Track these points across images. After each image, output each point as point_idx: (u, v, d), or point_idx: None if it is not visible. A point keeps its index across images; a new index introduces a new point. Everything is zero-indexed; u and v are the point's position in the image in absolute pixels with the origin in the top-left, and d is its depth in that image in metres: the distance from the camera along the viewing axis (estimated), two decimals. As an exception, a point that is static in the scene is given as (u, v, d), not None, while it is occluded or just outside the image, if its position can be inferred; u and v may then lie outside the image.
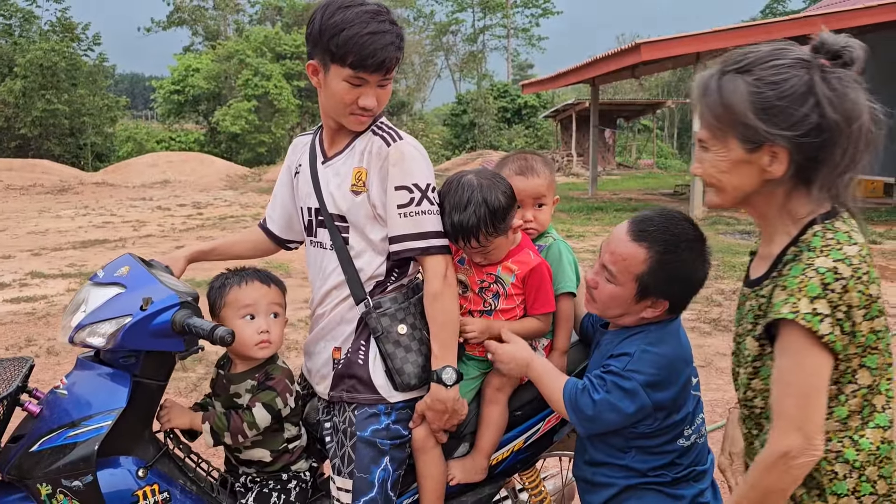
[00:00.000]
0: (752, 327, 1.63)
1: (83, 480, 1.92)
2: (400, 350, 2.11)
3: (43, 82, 28.62)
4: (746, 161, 1.53)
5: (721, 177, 1.58)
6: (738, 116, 1.50)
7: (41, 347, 6.17)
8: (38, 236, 13.19)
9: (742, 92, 1.49)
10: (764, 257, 1.65)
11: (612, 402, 1.92)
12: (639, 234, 1.94)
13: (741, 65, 1.52)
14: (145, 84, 66.35)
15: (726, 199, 1.62)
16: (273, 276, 2.31)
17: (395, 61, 2.05)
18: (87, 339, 2.00)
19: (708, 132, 1.58)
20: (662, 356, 1.94)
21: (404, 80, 45.09)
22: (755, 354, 1.62)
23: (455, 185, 2.15)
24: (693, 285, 1.97)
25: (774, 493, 1.53)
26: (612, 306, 2.01)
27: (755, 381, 1.63)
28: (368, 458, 2.10)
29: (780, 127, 1.47)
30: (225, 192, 22.15)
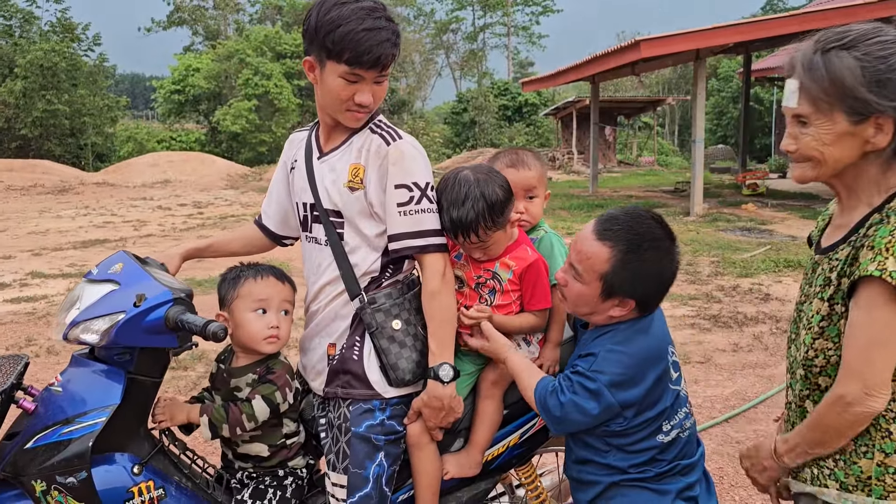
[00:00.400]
0: (821, 290, 1.67)
1: (77, 477, 1.92)
2: (394, 345, 2.11)
3: (43, 83, 28.63)
4: (850, 133, 1.58)
5: (823, 149, 1.61)
6: (847, 90, 1.54)
7: (41, 347, 6.18)
8: (38, 236, 13.21)
9: (852, 66, 1.54)
10: (840, 226, 1.70)
11: (578, 402, 1.93)
12: (603, 233, 1.95)
13: (844, 42, 1.57)
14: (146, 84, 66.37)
15: (824, 172, 1.65)
16: (286, 274, 2.31)
17: (391, 58, 2.05)
18: (80, 335, 2.00)
19: (812, 106, 1.60)
20: (629, 355, 1.94)
21: (405, 79, 45.06)
22: (823, 314, 1.66)
23: (452, 181, 2.15)
24: (658, 285, 1.97)
25: (830, 432, 1.63)
26: (580, 304, 2.02)
27: (819, 341, 1.67)
28: (363, 453, 2.10)
29: (891, 98, 1.53)
30: (226, 192, 22.17)
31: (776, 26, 13.84)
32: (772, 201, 16.08)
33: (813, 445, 1.68)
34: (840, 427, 1.61)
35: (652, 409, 1.96)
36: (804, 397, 1.74)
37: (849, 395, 1.56)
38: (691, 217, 13.99)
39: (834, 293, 1.63)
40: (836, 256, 1.65)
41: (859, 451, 1.63)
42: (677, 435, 2.02)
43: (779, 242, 10.93)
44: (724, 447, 4.19)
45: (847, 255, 1.61)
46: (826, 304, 1.65)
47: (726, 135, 38.23)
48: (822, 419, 1.63)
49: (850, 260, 1.59)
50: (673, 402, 2.01)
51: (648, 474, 1.99)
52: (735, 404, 4.82)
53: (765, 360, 5.69)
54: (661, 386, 1.98)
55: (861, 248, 1.56)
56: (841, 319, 1.62)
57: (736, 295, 7.84)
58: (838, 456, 1.66)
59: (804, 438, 1.69)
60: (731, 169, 24.84)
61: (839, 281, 1.62)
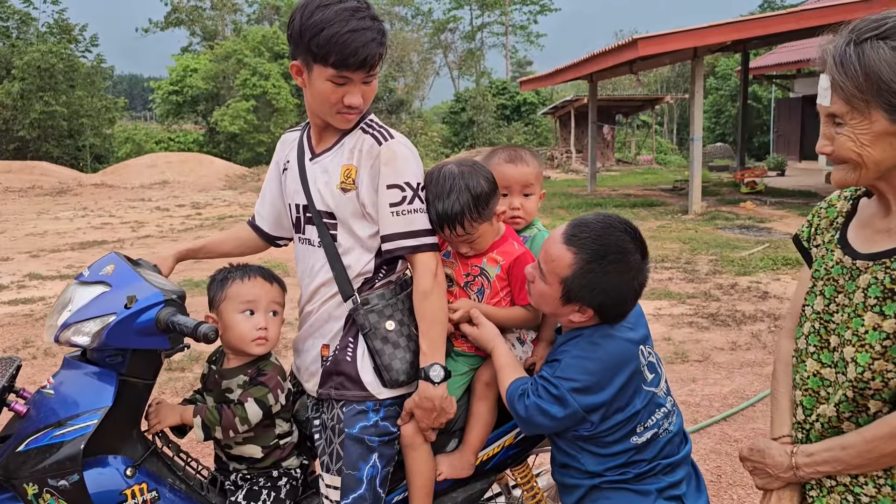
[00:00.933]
0: (879, 302, 1.50)
1: (69, 480, 1.91)
2: (388, 346, 2.11)
3: (41, 84, 28.58)
4: (891, 133, 1.43)
5: (862, 151, 1.46)
6: (885, 84, 1.39)
7: (38, 349, 6.17)
8: (36, 238, 13.20)
9: (889, 58, 1.39)
10: (889, 230, 1.54)
11: (542, 406, 1.94)
12: (570, 238, 1.95)
13: (880, 31, 1.41)
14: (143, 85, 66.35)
15: (866, 175, 1.50)
16: (275, 274, 2.30)
17: (377, 58, 2.03)
18: (72, 338, 1.99)
19: (846, 105, 1.46)
20: (592, 361, 1.93)
21: (403, 79, 45.06)
22: (889, 332, 1.48)
23: (436, 175, 2.16)
24: (618, 298, 1.95)
25: (883, 461, 1.50)
26: (542, 303, 2.05)
27: (880, 362, 1.49)
28: (357, 454, 2.10)
29: None
30: (224, 192, 22.16)
31: (773, 24, 13.85)
32: (770, 199, 16.08)
33: (851, 468, 1.55)
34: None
35: (621, 413, 1.95)
36: (844, 419, 1.58)
37: None
38: (690, 215, 13.99)
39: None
40: (894, 267, 1.49)
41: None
42: (654, 436, 2.00)
43: (777, 240, 10.93)
44: (723, 445, 4.19)
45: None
46: (891, 321, 1.47)
47: (724, 133, 38.22)
48: (879, 448, 1.49)
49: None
50: (647, 404, 1.99)
51: (627, 476, 1.98)
52: (733, 402, 4.81)
53: (763, 358, 5.69)
54: (631, 389, 1.96)
55: None
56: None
57: (734, 293, 7.84)
58: (883, 480, 1.53)
59: (840, 460, 1.55)
60: (730, 167, 24.83)
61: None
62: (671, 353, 5.82)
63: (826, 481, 1.60)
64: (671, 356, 5.74)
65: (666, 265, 9.39)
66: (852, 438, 1.54)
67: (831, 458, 1.57)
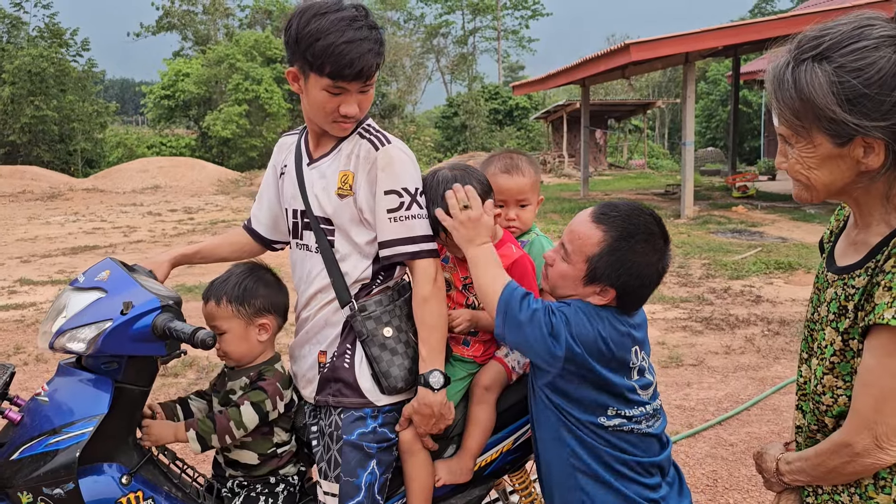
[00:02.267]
0: (835, 318, 1.49)
1: (64, 488, 1.89)
2: (386, 353, 2.09)
3: (31, 88, 28.44)
4: (837, 155, 1.37)
5: (809, 174, 1.42)
6: (820, 111, 1.33)
7: (30, 355, 6.12)
8: (27, 243, 13.12)
9: (822, 83, 1.31)
10: (857, 243, 1.51)
11: (542, 319, 1.90)
12: (600, 217, 1.96)
13: (817, 51, 1.33)
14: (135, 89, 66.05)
15: (817, 195, 1.46)
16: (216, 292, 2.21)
17: (374, 67, 2.02)
18: (67, 344, 1.97)
19: (789, 129, 1.42)
20: (592, 323, 1.92)
21: (395, 83, 45.03)
22: (836, 349, 1.49)
23: (431, 180, 2.17)
24: (643, 279, 1.95)
25: (834, 475, 1.51)
26: (560, 285, 2.02)
27: (828, 377, 1.51)
28: (355, 461, 2.08)
29: (872, 118, 1.30)
30: (216, 197, 22.09)
31: (764, 29, 13.90)
32: (762, 203, 16.15)
33: (814, 479, 1.58)
34: (845, 474, 1.48)
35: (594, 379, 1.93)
36: (815, 431, 1.60)
37: (857, 446, 1.42)
38: (682, 219, 14.02)
39: (850, 327, 1.45)
40: (853, 283, 1.46)
41: (877, 486, 1.48)
42: (625, 427, 1.98)
43: (769, 244, 10.97)
44: (718, 450, 4.18)
45: (864, 285, 1.42)
46: (840, 338, 1.48)
47: (716, 137, 38.39)
48: (826, 462, 1.51)
49: (865, 294, 1.41)
50: (626, 394, 1.97)
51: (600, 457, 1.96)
52: (728, 407, 4.81)
53: (757, 362, 5.70)
54: (611, 369, 1.95)
55: (878, 286, 1.37)
56: (856, 357, 1.46)
57: (727, 297, 7.86)
58: (853, 489, 1.52)
59: (805, 469, 1.58)
60: (721, 171, 24.91)
61: (856, 314, 1.44)
62: (666, 357, 5.82)
63: (818, 489, 1.61)
64: (666, 360, 5.74)
65: (659, 269, 9.39)
66: (810, 451, 1.57)
67: (798, 468, 1.60)
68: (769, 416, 4.65)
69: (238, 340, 2.20)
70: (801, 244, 10.83)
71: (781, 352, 5.91)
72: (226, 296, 2.19)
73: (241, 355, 2.22)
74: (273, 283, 2.29)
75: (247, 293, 2.21)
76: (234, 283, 2.21)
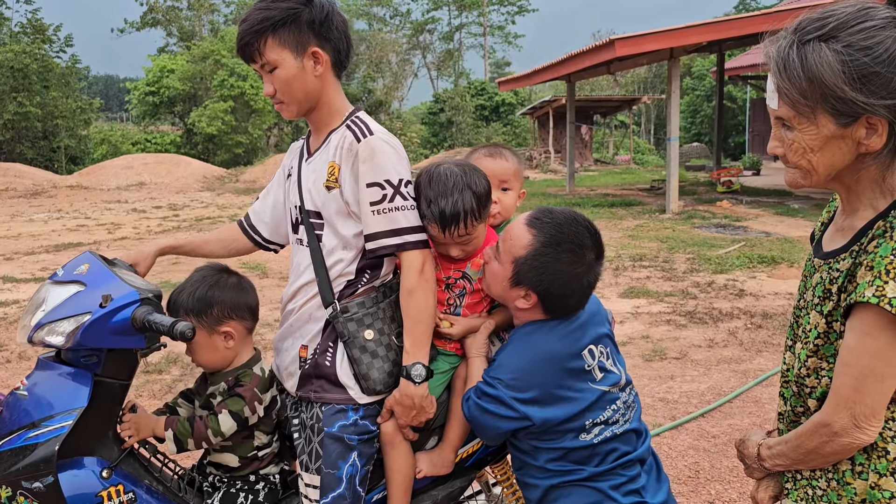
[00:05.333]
0: (820, 302, 1.51)
1: (44, 482, 1.89)
2: (366, 356, 2.09)
3: (14, 85, 28.19)
4: (839, 136, 1.39)
5: (811, 157, 1.43)
6: (829, 90, 1.33)
7: (12, 352, 6.08)
8: (10, 241, 13.00)
9: (831, 62, 1.32)
10: (843, 229, 1.53)
11: (482, 405, 1.98)
12: (533, 221, 2.00)
13: (823, 31, 1.35)
14: (119, 86, 65.64)
15: (817, 180, 1.46)
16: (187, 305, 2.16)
17: (250, 47, 2.05)
18: (46, 338, 1.96)
19: (792, 110, 1.41)
20: (522, 358, 1.96)
21: (381, 79, 44.94)
22: (820, 332, 1.51)
23: (435, 174, 2.14)
24: (565, 289, 1.97)
25: (813, 456, 1.52)
26: (492, 283, 2.08)
27: (812, 360, 1.53)
28: (336, 453, 2.08)
29: (880, 95, 1.31)
30: (202, 194, 21.98)
31: (748, 25, 13.98)
32: (746, 198, 16.25)
33: (794, 462, 1.59)
34: (823, 454, 1.49)
35: (563, 408, 1.95)
36: (799, 414, 1.61)
37: (836, 425, 1.43)
38: (667, 214, 14.10)
39: (833, 309, 1.47)
40: (837, 266, 1.48)
41: (854, 472, 1.49)
42: (606, 433, 2.00)
43: (753, 239, 11.05)
44: (700, 442, 4.22)
45: (847, 267, 1.45)
46: (824, 321, 1.50)
47: (701, 133, 38.56)
48: (805, 443, 1.52)
49: (849, 275, 1.43)
50: (596, 400, 1.99)
51: (582, 474, 1.99)
52: (711, 399, 4.85)
53: (740, 355, 5.74)
54: (569, 386, 1.97)
55: (860, 266, 1.40)
56: (839, 339, 1.47)
57: (711, 291, 7.91)
58: (831, 475, 1.53)
59: (786, 452, 1.60)
60: (706, 167, 25.06)
61: (839, 297, 1.46)
62: (649, 350, 5.86)
63: (796, 474, 1.63)
64: (649, 354, 5.78)
65: (644, 264, 9.45)
66: (790, 435, 1.59)
67: (779, 452, 1.62)
68: (751, 408, 4.69)
69: (206, 350, 2.18)
70: (785, 238, 10.92)
71: (764, 345, 5.96)
72: (182, 308, 2.15)
73: (213, 363, 2.20)
74: (234, 285, 2.22)
75: (202, 303, 2.15)
76: (189, 294, 2.16)
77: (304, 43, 2.04)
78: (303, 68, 2.06)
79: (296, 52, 2.04)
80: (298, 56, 2.05)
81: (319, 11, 2.05)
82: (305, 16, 2.03)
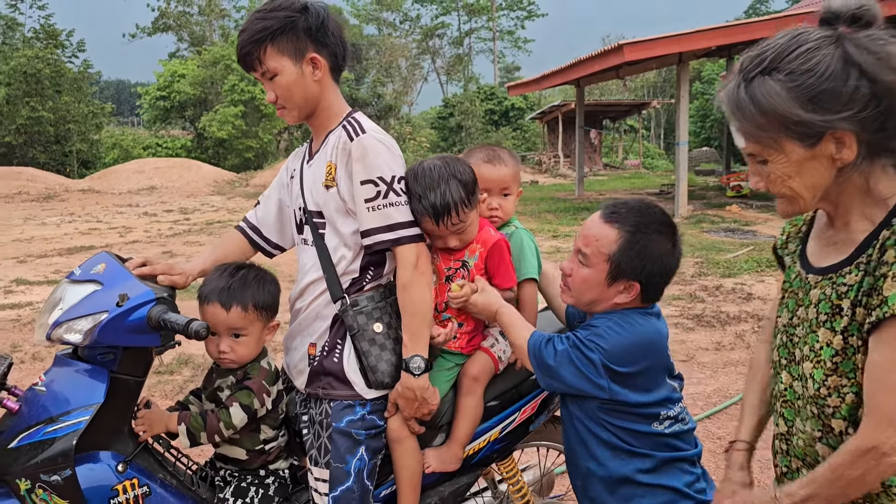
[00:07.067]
0: (829, 318, 1.48)
1: (62, 475, 1.94)
2: (375, 348, 2.14)
3: (27, 90, 28.44)
4: (811, 157, 1.40)
5: (791, 183, 1.45)
6: (784, 118, 1.37)
7: (26, 353, 6.16)
8: (23, 244, 13.13)
9: (778, 91, 1.37)
10: (838, 243, 1.52)
11: (571, 356, 1.95)
12: (610, 216, 2.00)
13: (764, 65, 1.39)
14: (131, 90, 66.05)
15: (806, 204, 1.48)
16: (238, 297, 2.16)
17: (250, 56, 2.10)
18: (63, 335, 2.01)
19: (758, 145, 1.45)
20: (627, 334, 1.96)
21: (391, 84, 45.07)
22: (837, 349, 1.46)
23: (419, 170, 2.20)
24: (663, 267, 2.00)
25: (857, 485, 1.43)
26: (585, 291, 2.03)
27: (832, 378, 1.48)
28: (344, 447, 2.13)
29: (835, 110, 1.34)
30: (212, 198, 22.12)
31: (756, 30, 13.97)
32: (756, 202, 16.23)
33: (830, 499, 1.46)
34: (869, 481, 1.41)
35: (642, 395, 1.97)
36: (816, 439, 1.54)
37: (884, 446, 1.35)
38: (676, 219, 14.01)
39: (848, 324, 1.43)
40: (843, 281, 1.46)
41: (890, 493, 1.45)
42: (675, 427, 2.03)
43: (762, 243, 11.04)
44: (706, 443, 4.23)
45: (860, 281, 1.42)
46: (839, 337, 1.46)
47: (711, 137, 38.49)
48: (846, 473, 1.41)
49: (865, 288, 1.40)
50: (669, 396, 2.03)
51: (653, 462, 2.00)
52: (717, 401, 4.87)
53: (747, 357, 5.76)
54: (656, 373, 2.00)
55: (883, 279, 1.36)
56: (857, 353, 1.43)
57: (719, 294, 7.92)
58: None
59: (818, 492, 1.47)
60: (716, 171, 25.01)
61: (853, 310, 1.42)
62: (657, 353, 5.88)
63: None
64: (657, 357, 5.80)
65: (652, 268, 9.46)
66: (820, 470, 1.48)
67: (808, 495, 1.49)
68: (757, 410, 4.71)
69: (255, 343, 2.21)
70: (794, 243, 10.89)
71: (771, 348, 5.97)
72: (252, 301, 2.16)
73: (248, 357, 2.21)
74: (276, 281, 2.29)
75: (270, 297, 2.20)
76: (258, 288, 2.18)
77: (303, 49, 2.10)
78: (302, 74, 2.12)
79: (295, 58, 2.10)
80: (297, 62, 2.10)
81: (315, 18, 2.10)
82: (302, 23, 2.08)
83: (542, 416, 2.49)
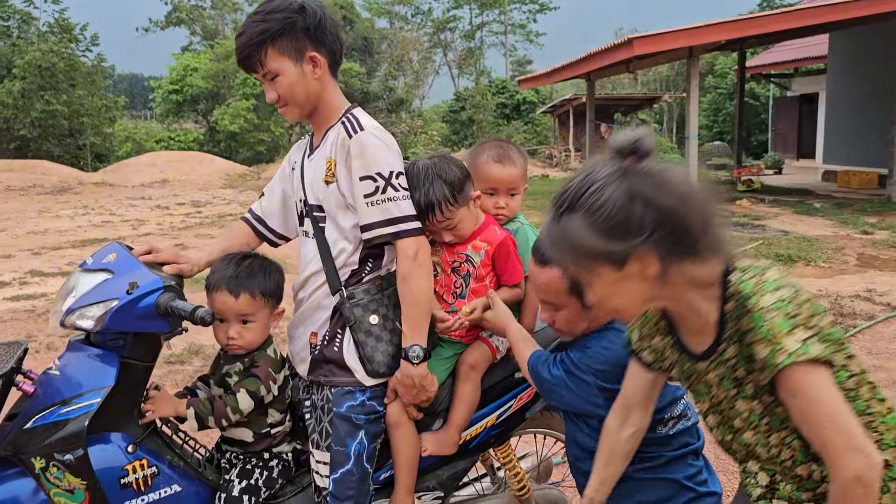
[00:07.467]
0: (738, 390, 1.63)
1: (74, 454, 2.03)
2: (371, 339, 2.22)
3: (42, 83, 28.63)
4: (623, 277, 1.56)
5: (612, 303, 1.61)
6: (591, 248, 1.52)
7: (41, 343, 6.28)
8: (37, 236, 13.30)
9: (582, 227, 1.52)
10: (700, 327, 1.66)
11: (567, 381, 2.06)
12: (541, 260, 2.06)
13: (566, 203, 1.56)
14: (144, 84, 66.35)
15: (632, 313, 1.68)
16: (246, 284, 2.25)
17: (251, 59, 2.14)
18: (76, 322, 2.10)
19: (576, 272, 1.63)
20: (620, 354, 2.01)
21: (402, 78, 45.10)
22: (759, 413, 1.61)
23: (411, 169, 2.29)
24: None
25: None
26: (574, 326, 2.12)
27: (773, 436, 1.62)
28: (345, 432, 2.22)
29: (629, 237, 1.50)
30: (224, 191, 22.26)
31: (767, 23, 13.93)
32: (767, 197, 16.18)
33: None
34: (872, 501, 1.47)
35: None
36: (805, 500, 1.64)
37: (858, 470, 1.44)
38: (685, 213, 14.05)
39: (755, 389, 1.59)
40: (726, 358, 1.63)
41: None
42: (680, 425, 2.09)
43: (771, 237, 11.03)
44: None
45: (737, 353, 1.59)
46: (756, 402, 1.61)
47: (723, 131, 38.25)
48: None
49: (746, 355, 1.56)
50: (672, 398, 2.09)
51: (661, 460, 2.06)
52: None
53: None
54: None
55: (752, 345, 1.52)
56: (777, 407, 1.57)
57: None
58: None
59: None
60: (728, 165, 24.92)
61: (751, 378, 1.58)
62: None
63: None
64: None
65: (660, 262, 9.47)
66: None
67: None
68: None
69: (262, 329, 2.30)
70: (803, 237, 10.89)
71: (775, 341, 5.99)
72: (259, 288, 2.26)
73: (256, 343, 2.30)
74: (280, 270, 2.37)
75: (275, 285, 2.31)
76: (264, 276, 2.28)
77: (302, 49, 2.16)
78: (303, 73, 2.18)
79: (295, 58, 2.15)
80: (298, 62, 2.16)
81: (313, 17, 2.16)
82: (300, 23, 2.14)
83: (538, 404, 2.56)
